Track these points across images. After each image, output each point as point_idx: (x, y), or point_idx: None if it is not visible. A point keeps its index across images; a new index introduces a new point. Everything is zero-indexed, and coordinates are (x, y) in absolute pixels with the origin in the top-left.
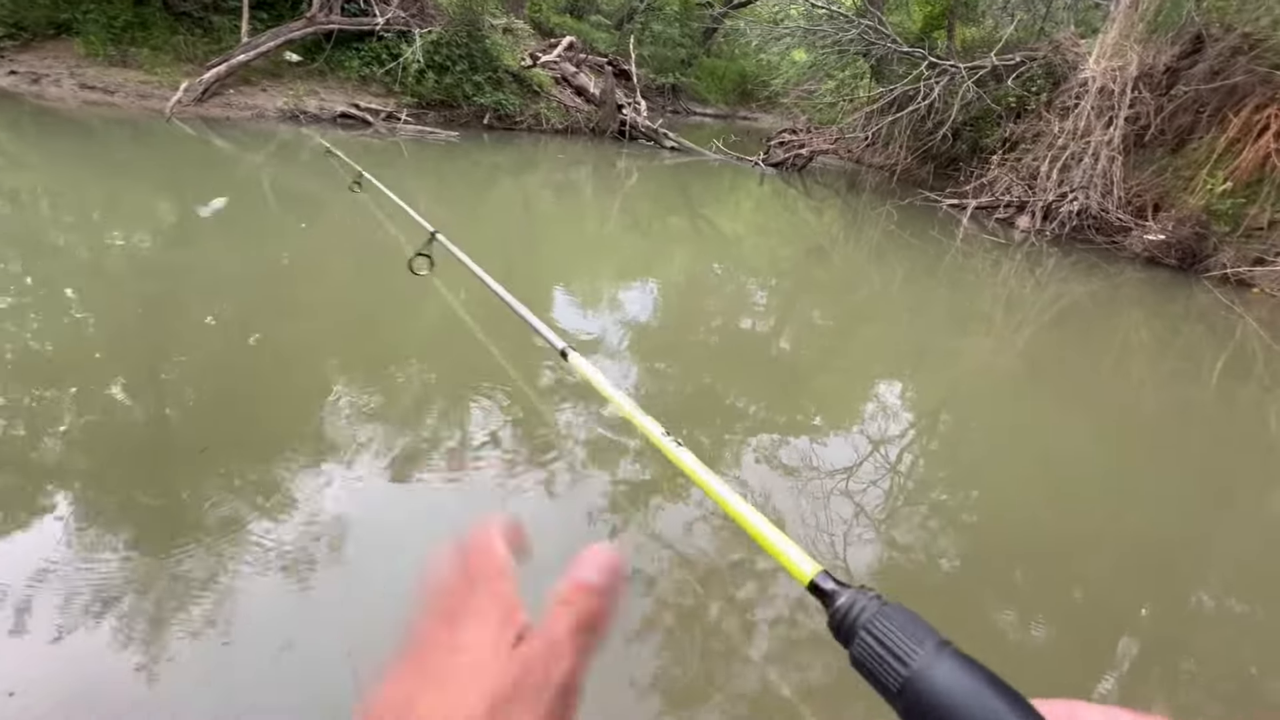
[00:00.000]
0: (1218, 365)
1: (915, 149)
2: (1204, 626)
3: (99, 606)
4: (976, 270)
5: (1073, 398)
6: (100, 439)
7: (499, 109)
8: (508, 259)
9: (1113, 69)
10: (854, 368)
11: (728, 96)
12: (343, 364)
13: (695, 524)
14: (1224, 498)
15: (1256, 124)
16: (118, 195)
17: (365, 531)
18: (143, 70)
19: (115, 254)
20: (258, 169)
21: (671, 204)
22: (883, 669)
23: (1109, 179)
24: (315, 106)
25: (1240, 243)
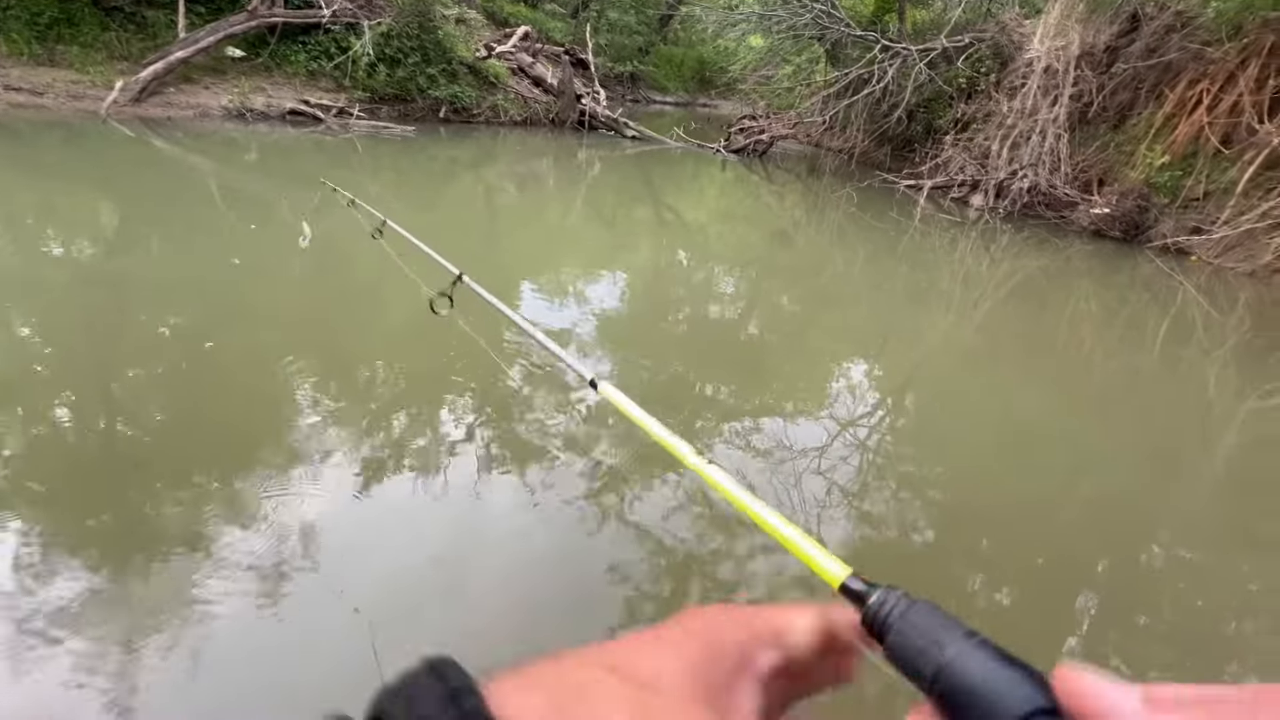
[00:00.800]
0: (1161, 331)
1: (872, 132)
2: (1157, 578)
3: (58, 632)
4: (934, 249)
5: (1030, 368)
6: (48, 458)
7: (455, 102)
8: (469, 253)
9: (1056, 48)
10: (821, 349)
11: (687, 84)
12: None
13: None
14: (1170, 455)
15: (1190, 99)
16: (51, 201)
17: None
18: (73, 69)
19: (52, 263)
20: (207, 169)
21: (635, 193)
22: (918, 660)
23: (1056, 156)
24: (262, 104)
25: (1178, 213)
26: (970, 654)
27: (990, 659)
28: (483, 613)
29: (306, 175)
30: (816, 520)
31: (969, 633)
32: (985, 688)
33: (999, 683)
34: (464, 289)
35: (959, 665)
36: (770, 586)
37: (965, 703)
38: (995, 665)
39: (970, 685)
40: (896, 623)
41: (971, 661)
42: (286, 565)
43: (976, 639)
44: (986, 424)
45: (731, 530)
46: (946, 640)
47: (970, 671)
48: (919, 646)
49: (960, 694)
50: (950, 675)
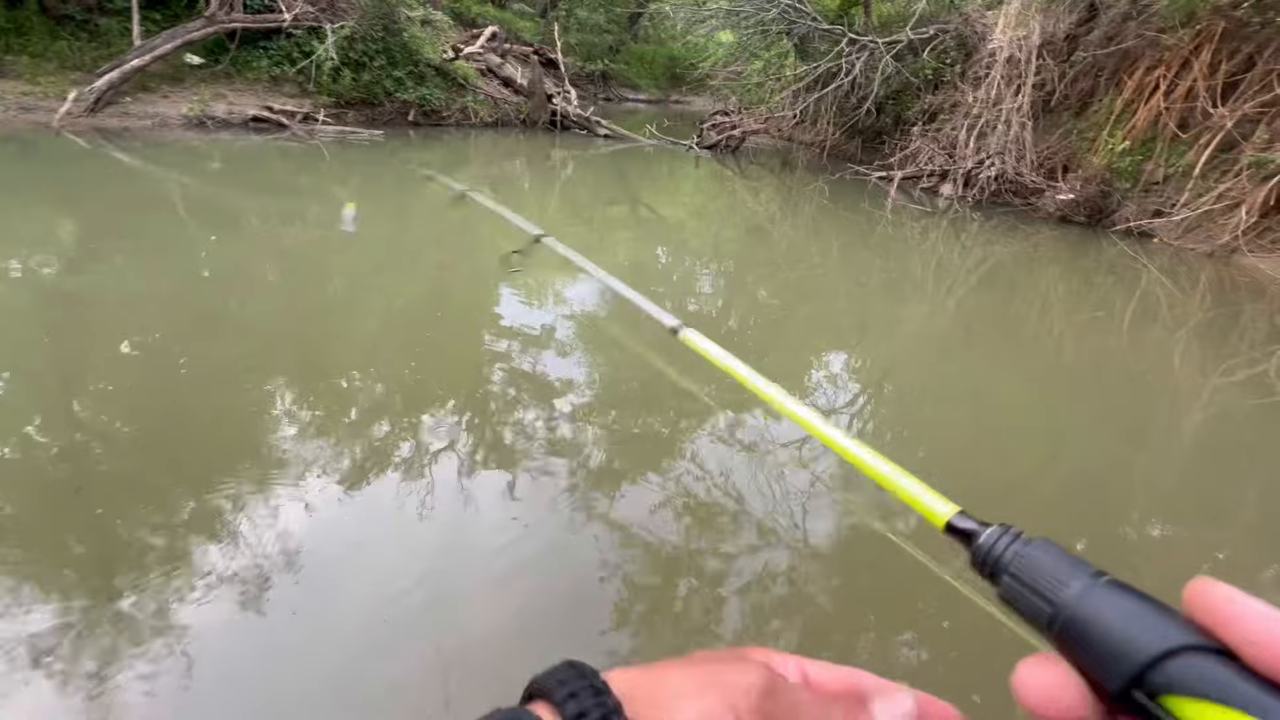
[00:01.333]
0: (1128, 312)
1: (842, 124)
2: (1133, 552)
3: (34, 658)
4: (906, 239)
5: (1003, 353)
6: (15, 481)
7: (423, 104)
8: (444, 255)
9: (1018, 38)
10: (800, 341)
11: (658, 81)
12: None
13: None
14: (1141, 431)
15: (1148, 85)
16: (6, 218)
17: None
18: (23, 80)
19: (9, 281)
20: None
21: (610, 192)
22: (1036, 599)
23: (1021, 144)
24: (224, 111)
25: (1140, 197)
26: (1097, 591)
27: (1121, 595)
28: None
29: (274, 183)
30: (803, 514)
31: (1096, 572)
32: (1117, 625)
33: (1131, 620)
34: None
35: (1086, 603)
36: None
37: (1094, 643)
38: (1126, 602)
39: (1099, 623)
40: (1013, 560)
41: (1099, 598)
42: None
43: (1105, 577)
44: (963, 409)
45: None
46: (1069, 577)
47: (1099, 609)
48: (1038, 585)
49: (1088, 633)
50: (1075, 614)
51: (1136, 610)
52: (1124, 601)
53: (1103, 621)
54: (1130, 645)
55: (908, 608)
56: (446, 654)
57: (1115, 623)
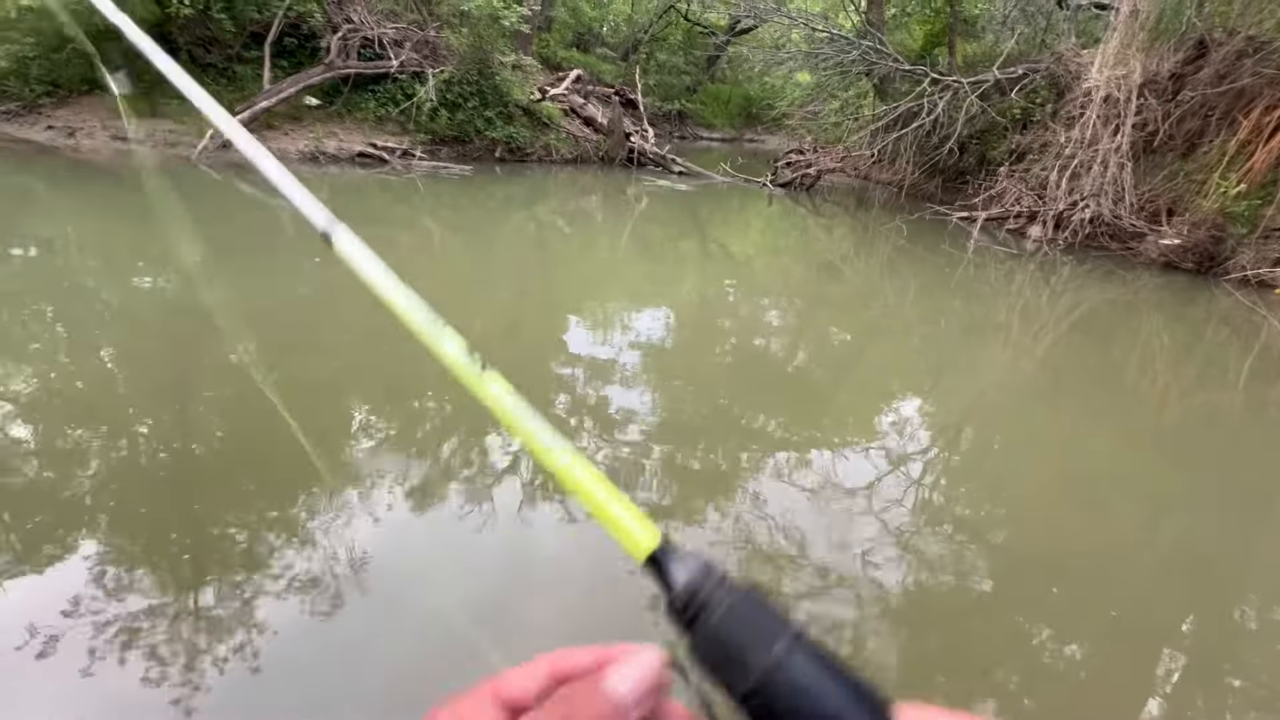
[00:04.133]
0: (1244, 368)
1: (922, 164)
2: (1249, 641)
3: (127, 638)
4: (990, 281)
5: (1097, 405)
6: (128, 476)
7: (510, 142)
8: (521, 284)
9: (1116, 77)
10: (872, 383)
11: (733, 120)
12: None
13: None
14: (1261, 502)
15: (1267, 125)
16: (143, 239)
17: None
18: (171, 120)
19: (142, 295)
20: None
21: (682, 228)
22: (732, 664)
23: (1119, 186)
24: (334, 147)
25: (1259, 244)
26: (801, 663)
27: (824, 671)
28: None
29: (373, 213)
30: (865, 563)
31: (798, 634)
32: (811, 707)
33: (820, 705)
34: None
35: (785, 675)
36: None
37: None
38: (827, 680)
39: (796, 703)
40: (712, 613)
41: (800, 673)
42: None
43: (809, 645)
44: (1050, 463)
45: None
46: (770, 641)
47: (797, 685)
48: (737, 646)
49: (782, 712)
50: (772, 687)
51: (835, 691)
52: (823, 678)
53: (799, 701)
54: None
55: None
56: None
57: (810, 703)
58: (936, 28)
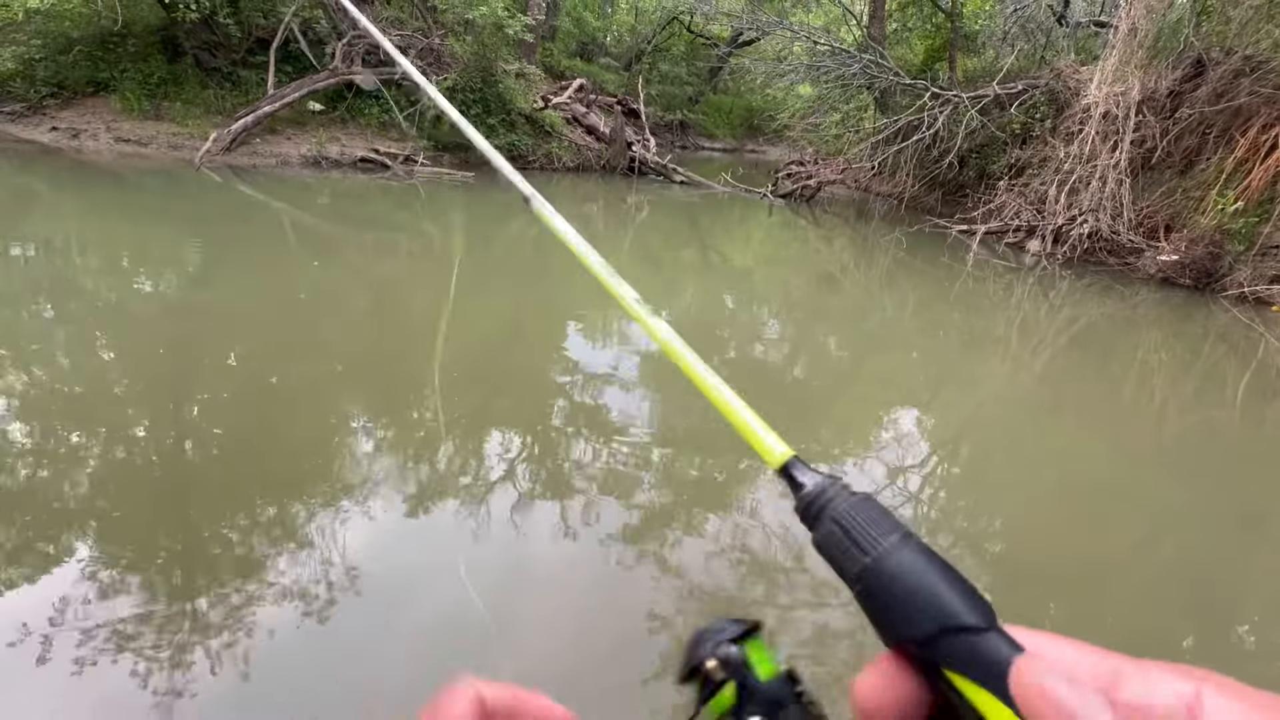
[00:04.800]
0: (1242, 385)
1: (922, 177)
2: (1245, 657)
3: (118, 644)
4: (989, 294)
5: (1095, 420)
6: (125, 477)
7: (512, 149)
8: (520, 291)
9: (1115, 94)
10: (871, 395)
11: (735, 131)
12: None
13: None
14: (1260, 518)
15: (1264, 143)
16: (146, 240)
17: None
18: (175, 123)
19: (142, 297)
20: (279, 211)
21: (682, 236)
22: (843, 554)
23: (1118, 201)
24: (337, 152)
25: (1256, 261)
26: (899, 555)
27: (922, 562)
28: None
29: (374, 218)
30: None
31: (906, 534)
32: (907, 593)
33: (922, 590)
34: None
35: (884, 566)
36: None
37: (884, 607)
38: (925, 569)
39: (892, 589)
40: (830, 513)
41: (898, 563)
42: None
43: (913, 541)
44: (1048, 477)
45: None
46: (878, 538)
47: (895, 574)
48: (849, 541)
49: (881, 597)
50: (873, 575)
51: (936, 580)
52: (927, 569)
53: (901, 584)
54: (915, 615)
55: None
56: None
57: (913, 588)
58: (937, 43)
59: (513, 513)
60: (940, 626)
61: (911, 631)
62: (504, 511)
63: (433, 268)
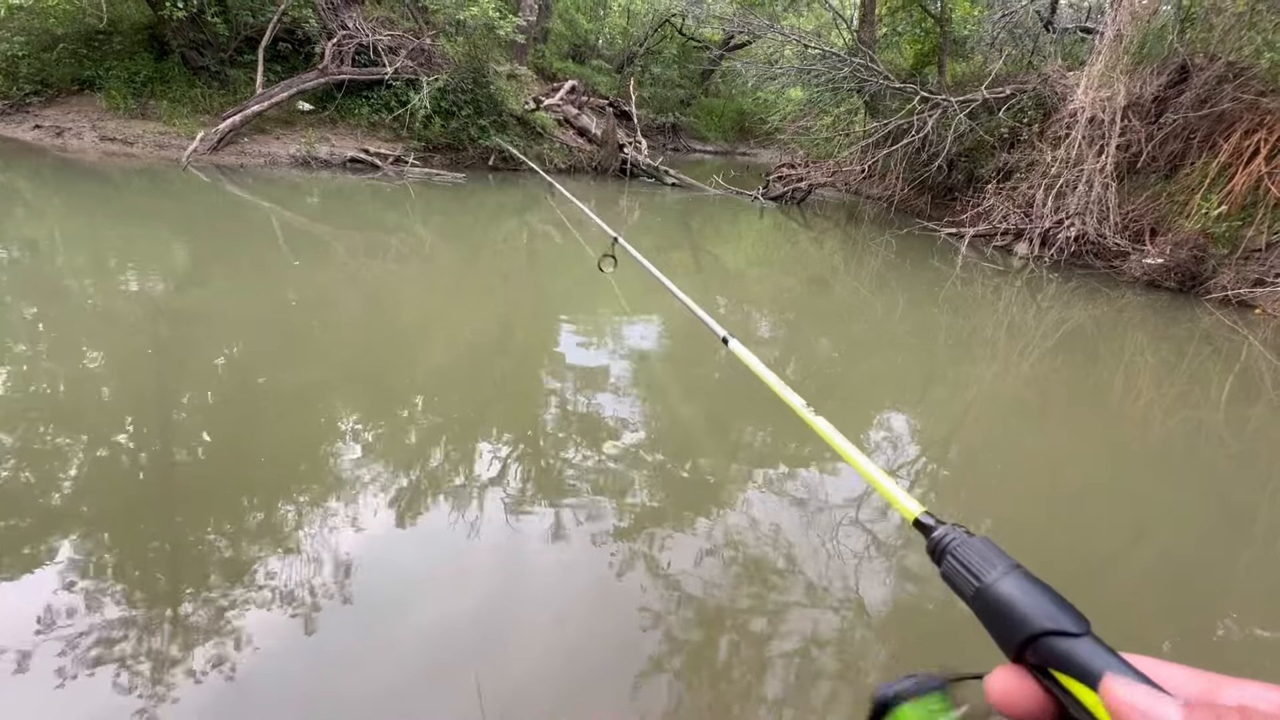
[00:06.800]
0: (1226, 387)
1: (911, 180)
2: (1231, 655)
3: (102, 653)
4: (978, 297)
5: (1082, 422)
6: (108, 483)
7: (503, 151)
8: (512, 292)
9: (1101, 99)
10: (861, 397)
11: (726, 133)
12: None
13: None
14: (1245, 517)
15: (1246, 148)
16: (132, 240)
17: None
18: (161, 122)
19: (127, 297)
20: (267, 211)
21: (674, 239)
22: (961, 581)
23: (1104, 205)
24: (326, 152)
25: (1239, 264)
26: (1010, 577)
27: (1027, 584)
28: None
29: (364, 218)
30: (855, 574)
31: (1014, 565)
32: (1011, 608)
33: (1027, 604)
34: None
35: (999, 586)
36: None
37: (995, 621)
38: (1030, 589)
39: (1000, 606)
40: (950, 551)
41: (1010, 583)
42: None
43: (1019, 570)
44: (1035, 478)
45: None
46: (990, 567)
47: (1008, 592)
48: (965, 571)
49: (992, 613)
50: (984, 598)
51: (1035, 597)
52: (1028, 589)
53: (1006, 601)
54: (1020, 622)
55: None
56: (486, 687)
57: (1015, 603)
58: (927, 47)
59: (505, 515)
60: (1041, 630)
61: (1019, 634)
62: (499, 516)
63: (422, 269)
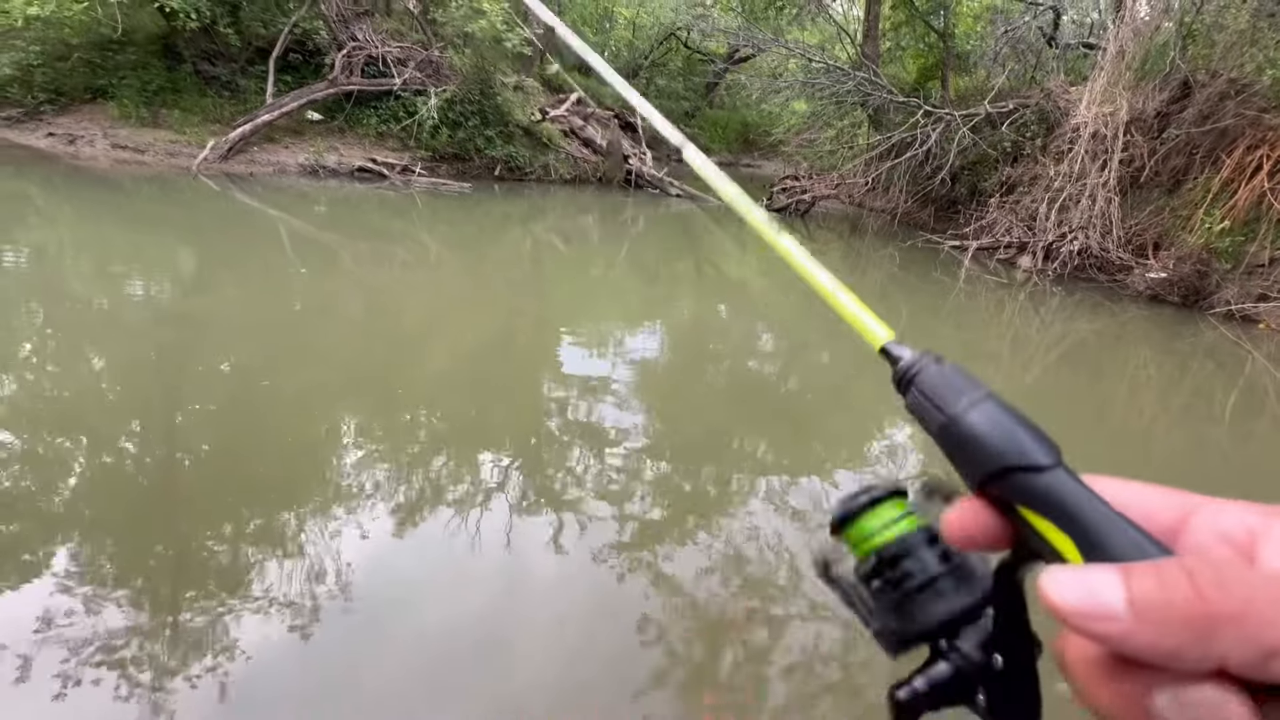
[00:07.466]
0: (1230, 401)
1: (915, 193)
2: None
3: (103, 658)
4: (981, 310)
5: (1086, 435)
6: (115, 486)
7: (509, 161)
8: (516, 300)
9: (1104, 114)
10: (864, 409)
11: (731, 145)
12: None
13: None
14: None
15: (1249, 164)
16: (141, 247)
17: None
18: (172, 130)
19: (133, 303)
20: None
21: (678, 249)
22: (927, 414)
23: (1107, 219)
24: (334, 161)
25: (1243, 279)
26: (974, 412)
27: (994, 414)
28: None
29: (370, 227)
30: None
31: (986, 393)
32: (979, 441)
33: (992, 437)
34: None
35: (960, 422)
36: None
37: (960, 454)
38: (1002, 419)
39: (966, 439)
40: (918, 378)
41: (973, 418)
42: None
43: (990, 399)
44: None
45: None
46: (958, 396)
47: (970, 426)
48: (929, 403)
49: (957, 447)
50: (950, 430)
51: (1004, 427)
52: (998, 418)
53: (971, 434)
54: (985, 457)
55: None
56: (487, 691)
57: (981, 437)
58: (930, 62)
59: (507, 522)
60: (1007, 465)
61: (981, 471)
62: (499, 521)
63: (428, 277)
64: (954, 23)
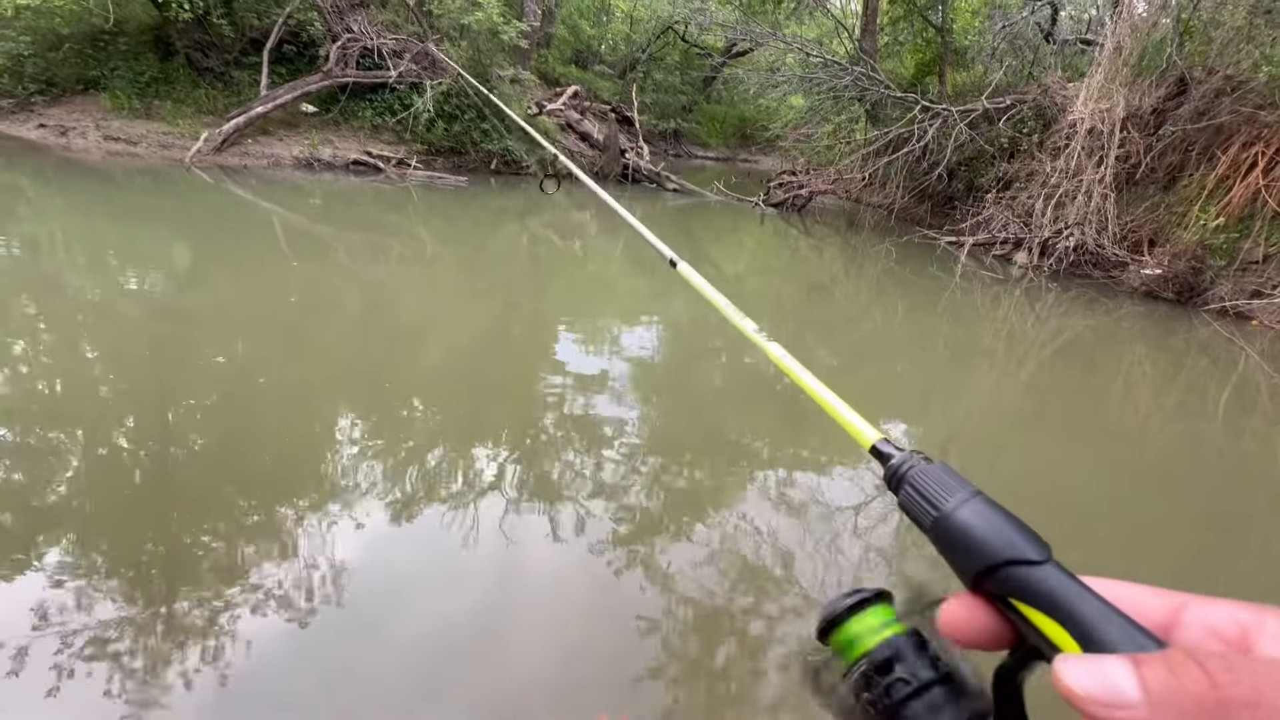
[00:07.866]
0: (1223, 398)
1: (912, 188)
2: None
3: (97, 653)
4: (977, 305)
5: (1080, 432)
6: (108, 480)
7: (505, 155)
8: (512, 295)
9: (1100, 110)
10: (859, 405)
11: (728, 140)
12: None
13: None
14: (1240, 527)
15: (1244, 161)
16: (134, 240)
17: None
18: (165, 122)
19: (126, 297)
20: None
21: (674, 244)
22: (918, 510)
23: (1103, 215)
24: (329, 154)
25: (1237, 276)
26: (970, 505)
27: (988, 511)
28: None
29: (365, 220)
30: (852, 580)
31: (974, 492)
32: (970, 537)
33: (982, 532)
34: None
35: (952, 518)
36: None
37: (953, 550)
38: (991, 517)
39: (958, 535)
40: (907, 479)
41: (969, 511)
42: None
43: (979, 498)
44: (1033, 488)
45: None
46: (948, 495)
47: (961, 523)
48: (922, 500)
49: (950, 543)
50: (942, 526)
51: (995, 525)
52: (989, 516)
53: (963, 531)
54: (978, 552)
55: None
56: (485, 689)
57: (973, 533)
58: (928, 57)
59: (503, 518)
60: (1000, 560)
61: (976, 565)
62: (494, 517)
63: (423, 271)
64: (952, 18)
